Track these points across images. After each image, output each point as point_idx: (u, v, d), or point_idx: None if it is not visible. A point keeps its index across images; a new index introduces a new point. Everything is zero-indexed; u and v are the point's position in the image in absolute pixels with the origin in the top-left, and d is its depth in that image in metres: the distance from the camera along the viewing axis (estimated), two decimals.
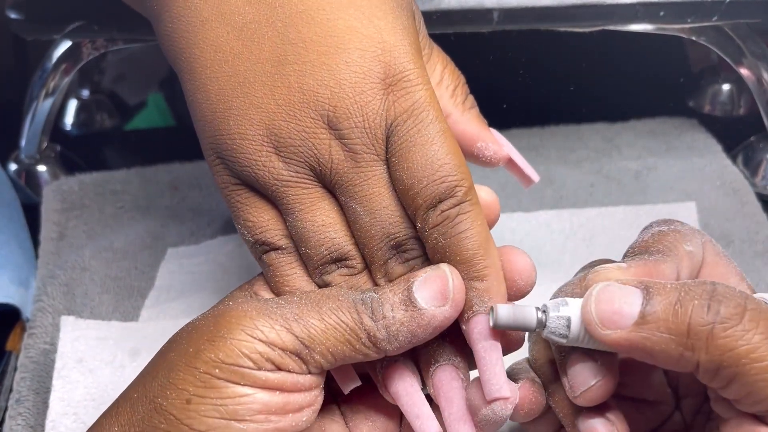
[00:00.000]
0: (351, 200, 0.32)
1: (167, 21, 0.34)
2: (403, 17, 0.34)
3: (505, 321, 0.31)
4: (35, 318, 0.49)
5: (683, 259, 0.32)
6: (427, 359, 0.33)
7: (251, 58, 0.32)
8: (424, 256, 0.33)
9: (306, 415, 0.31)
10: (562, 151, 0.62)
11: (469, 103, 0.38)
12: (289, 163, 0.32)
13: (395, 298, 0.31)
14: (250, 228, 0.34)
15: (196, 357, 0.30)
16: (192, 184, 0.60)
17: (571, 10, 0.51)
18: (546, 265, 0.52)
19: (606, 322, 0.29)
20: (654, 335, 0.29)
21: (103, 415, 0.32)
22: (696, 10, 0.52)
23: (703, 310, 0.28)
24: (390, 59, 0.32)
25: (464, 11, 0.50)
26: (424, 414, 0.32)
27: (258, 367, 0.30)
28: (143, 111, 0.74)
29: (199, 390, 0.29)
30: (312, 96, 0.32)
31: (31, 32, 0.56)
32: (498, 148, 0.38)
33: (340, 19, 0.32)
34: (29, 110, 0.60)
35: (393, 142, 0.32)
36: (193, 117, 0.34)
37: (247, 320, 0.30)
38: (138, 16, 0.36)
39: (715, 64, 0.70)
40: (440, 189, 0.31)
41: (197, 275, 0.53)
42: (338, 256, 0.33)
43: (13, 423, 0.43)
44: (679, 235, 0.33)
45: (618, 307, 0.29)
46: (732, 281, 0.33)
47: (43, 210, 0.58)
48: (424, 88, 0.32)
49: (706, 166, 0.60)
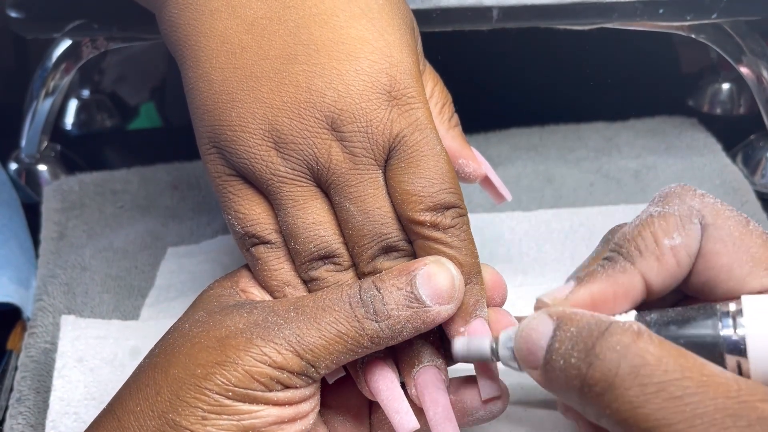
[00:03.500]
0: (345, 200, 0.33)
1: (172, 7, 0.34)
2: (408, 35, 0.35)
3: (461, 353, 0.32)
4: (36, 317, 0.49)
5: (660, 259, 0.30)
6: (410, 361, 0.34)
7: (260, 53, 0.33)
8: (411, 256, 0.34)
9: (312, 417, 0.32)
10: (562, 150, 0.62)
11: (454, 121, 0.39)
12: (288, 159, 0.33)
13: (399, 295, 0.32)
14: (241, 219, 0.34)
15: (206, 379, 0.30)
16: (192, 184, 0.60)
17: (571, 8, 0.51)
18: (546, 264, 0.52)
19: (524, 361, 0.29)
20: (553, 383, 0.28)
21: (99, 425, 0.32)
22: (695, 7, 0.52)
23: (574, 371, 0.27)
24: (396, 74, 0.33)
25: (463, 9, 0.51)
26: (403, 409, 0.33)
27: (268, 389, 0.30)
28: (136, 119, 0.74)
29: (213, 408, 0.30)
30: (319, 97, 0.32)
31: (31, 31, 0.56)
32: (477, 167, 0.39)
33: (352, 28, 0.33)
34: (29, 110, 0.60)
35: (401, 150, 0.33)
36: (191, 105, 0.35)
37: (254, 348, 0.31)
38: (138, 14, 0.37)
39: (714, 62, 0.70)
40: (450, 198, 0.33)
41: (197, 274, 0.53)
42: (326, 254, 0.34)
43: (13, 422, 0.43)
44: (666, 223, 0.30)
45: (531, 347, 0.29)
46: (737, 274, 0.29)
47: (44, 209, 0.58)
48: (425, 107, 0.34)
49: (706, 165, 0.60)
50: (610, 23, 0.53)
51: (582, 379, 0.26)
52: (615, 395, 0.25)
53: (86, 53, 0.58)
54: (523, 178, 0.59)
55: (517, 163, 0.61)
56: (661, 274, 0.30)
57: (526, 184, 0.59)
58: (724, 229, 0.30)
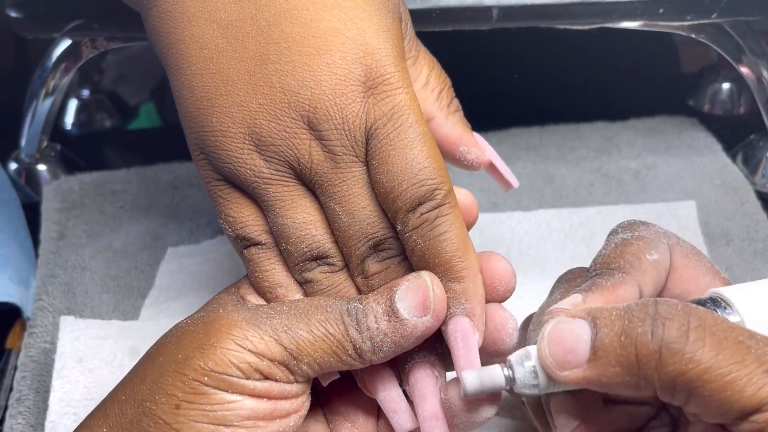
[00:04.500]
0: (330, 200, 0.33)
1: (155, 16, 0.34)
2: (388, 19, 0.34)
3: (473, 388, 0.31)
4: (35, 317, 0.49)
5: (646, 272, 0.32)
6: (403, 357, 0.33)
7: (235, 56, 0.32)
8: (401, 255, 0.34)
9: (293, 421, 0.32)
10: (562, 150, 0.62)
11: (453, 106, 0.38)
12: (270, 161, 0.32)
13: (379, 309, 0.31)
14: (231, 223, 0.34)
15: (185, 364, 0.30)
16: (192, 184, 0.60)
17: (571, 8, 0.51)
18: (546, 264, 0.52)
19: (561, 364, 0.29)
20: (607, 370, 0.28)
21: (91, 415, 0.32)
22: (695, 7, 0.52)
23: (647, 338, 0.27)
24: (371, 62, 0.32)
25: (463, 9, 0.50)
26: (401, 409, 0.32)
27: (246, 376, 0.30)
28: (136, 119, 0.74)
29: (188, 396, 0.30)
30: (293, 96, 0.32)
31: (31, 31, 0.56)
32: (480, 153, 0.38)
33: (323, 20, 0.32)
34: (29, 109, 0.60)
35: (373, 144, 0.32)
36: (179, 113, 0.34)
37: (237, 330, 0.30)
38: (137, 14, 0.37)
39: (714, 62, 0.70)
40: (419, 192, 0.32)
41: (197, 275, 0.53)
42: (318, 254, 0.33)
43: (13, 422, 0.43)
44: (643, 243, 0.33)
45: (570, 346, 0.29)
46: (703, 282, 0.33)
47: (44, 209, 0.58)
48: (405, 92, 0.32)
49: (706, 165, 0.60)
50: (610, 23, 0.53)
51: (659, 340, 0.27)
52: (695, 347, 0.27)
53: (86, 53, 0.58)
54: (523, 178, 0.59)
55: (517, 163, 0.60)
56: (649, 284, 0.32)
57: (526, 184, 0.59)
58: (684, 248, 0.34)
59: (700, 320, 0.27)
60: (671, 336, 0.27)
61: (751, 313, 0.30)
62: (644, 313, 0.28)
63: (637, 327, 0.27)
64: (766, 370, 0.26)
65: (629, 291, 0.31)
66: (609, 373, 0.28)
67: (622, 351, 0.27)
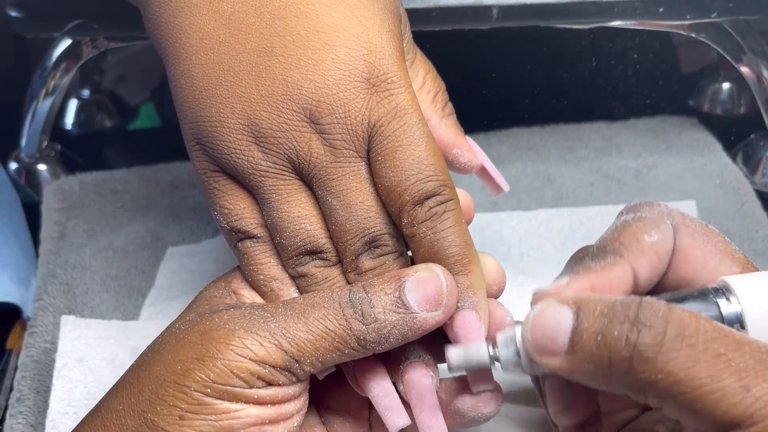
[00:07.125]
0: (327, 194, 0.33)
1: (155, 5, 0.34)
2: (390, 20, 0.34)
3: (457, 363, 0.31)
4: (36, 317, 0.49)
5: (643, 253, 0.31)
6: (396, 356, 0.33)
7: (237, 47, 0.33)
8: (396, 252, 0.34)
9: (296, 420, 0.32)
10: (562, 150, 0.62)
11: (448, 109, 0.38)
12: (268, 153, 0.32)
13: (387, 300, 0.31)
14: (226, 215, 0.34)
15: (185, 375, 0.30)
16: (192, 183, 0.60)
17: (570, 7, 0.51)
18: (546, 264, 0.52)
19: (541, 350, 0.29)
20: (583, 366, 0.28)
21: (86, 422, 0.32)
22: (695, 6, 0.52)
23: (620, 343, 0.27)
24: (375, 60, 0.32)
25: (463, 8, 0.50)
26: (394, 406, 0.32)
27: (249, 385, 0.30)
28: (136, 119, 0.74)
29: (191, 407, 0.29)
30: (296, 89, 0.32)
31: (31, 30, 0.56)
32: (472, 156, 0.38)
33: (329, 16, 0.32)
34: (29, 109, 0.60)
35: (377, 141, 0.32)
36: (175, 102, 0.34)
37: (236, 340, 0.30)
38: (137, 13, 0.37)
39: (714, 62, 0.70)
40: (428, 187, 0.32)
41: (197, 274, 0.53)
42: (313, 249, 0.33)
43: (13, 422, 0.43)
44: (642, 225, 0.32)
45: (550, 333, 0.28)
46: (711, 264, 0.32)
47: (44, 209, 0.58)
48: (407, 91, 0.33)
49: (706, 165, 0.60)
50: (610, 22, 0.53)
51: (632, 347, 0.26)
52: (667, 358, 0.26)
53: (86, 53, 0.58)
54: (524, 178, 0.59)
55: (517, 163, 0.61)
56: (646, 267, 0.31)
57: (527, 184, 0.59)
58: (692, 227, 0.32)
59: (680, 329, 0.26)
60: (644, 344, 0.26)
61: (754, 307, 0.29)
62: (624, 315, 0.27)
63: (614, 329, 0.27)
64: (744, 386, 0.25)
65: (620, 274, 0.30)
66: (584, 368, 0.28)
67: (597, 351, 0.27)
